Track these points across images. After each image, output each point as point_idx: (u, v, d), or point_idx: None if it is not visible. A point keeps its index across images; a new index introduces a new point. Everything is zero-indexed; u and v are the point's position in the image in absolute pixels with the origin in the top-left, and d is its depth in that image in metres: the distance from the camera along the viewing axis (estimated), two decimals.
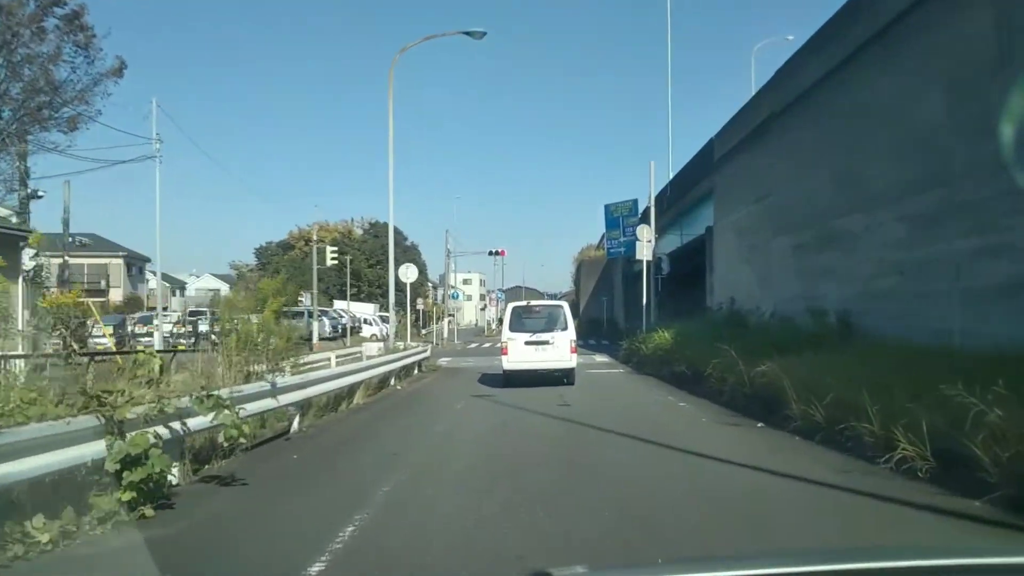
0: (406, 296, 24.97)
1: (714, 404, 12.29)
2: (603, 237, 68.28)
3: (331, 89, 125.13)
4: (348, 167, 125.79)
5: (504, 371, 16.37)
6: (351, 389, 13.41)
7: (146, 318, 44.87)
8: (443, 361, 26.28)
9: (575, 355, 16.19)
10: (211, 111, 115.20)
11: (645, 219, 37.96)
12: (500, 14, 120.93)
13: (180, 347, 39.16)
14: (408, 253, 70.57)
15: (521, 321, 16.65)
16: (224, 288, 79.52)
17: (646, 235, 25.11)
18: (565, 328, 16.26)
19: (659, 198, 36.10)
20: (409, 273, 23.30)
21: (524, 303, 16.96)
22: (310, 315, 47.52)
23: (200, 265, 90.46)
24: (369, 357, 18.99)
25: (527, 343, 16.09)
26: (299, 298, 50.42)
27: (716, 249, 26.13)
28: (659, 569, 2.22)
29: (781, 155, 18.85)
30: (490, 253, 48.25)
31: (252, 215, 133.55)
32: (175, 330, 42.93)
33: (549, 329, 16.33)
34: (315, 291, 45.23)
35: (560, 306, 16.82)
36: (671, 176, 36.26)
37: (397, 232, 71.56)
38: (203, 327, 45.38)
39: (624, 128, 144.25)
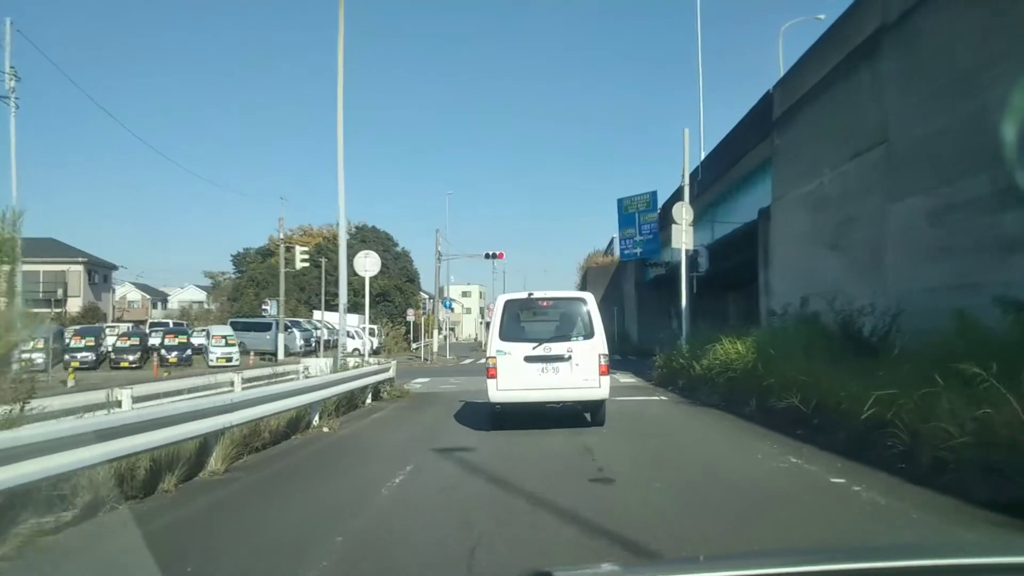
0: (365, 297, 18.72)
1: (919, 486, 6.00)
2: (611, 241, 61.95)
3: (317, 87, 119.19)
4: (333, 168, 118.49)
5: (491, 404, 10.14)
6: (205, 445, 7.21)
7: (91, 329, 38.71)
8: (418, 383, 20.00)
9: (607, 378, 9.94)
10: (181, 107, 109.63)
11: (678, 198, 31.94)
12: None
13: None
14: (399, 260, 64.58)
15: (518, 324, 10.48)
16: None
17: (684, 215, 18.89)
18: (590, 334, 10.05)
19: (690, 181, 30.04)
20: (368, 264, 17.17)
21: (524, 295, 10.69)
22: (284, 328, 41.63)
23: (189, 277, 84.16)
24: (308, 377, 12.99)
25: (529, 359, 9.90)
26: (263, 306, 44.23)
27: (775, 235, 19.94)
28: (660, 569, 2.08)
29: (908, 77, 12.69)
30: (487, 256, 42.11)
31: (232, 221, 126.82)
32: (118, 343, 36.83)
33: (564, 336, 10.14)
34: (281, 298, 39.04)
35: (581, 300, 10.60)
36: (702, 156, 30.07)
37: (386, 237, 65.89)
38: (154, 341, 39.66)
39: (637, 123, 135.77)
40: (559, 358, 9.89)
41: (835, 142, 15.85)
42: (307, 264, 38.98)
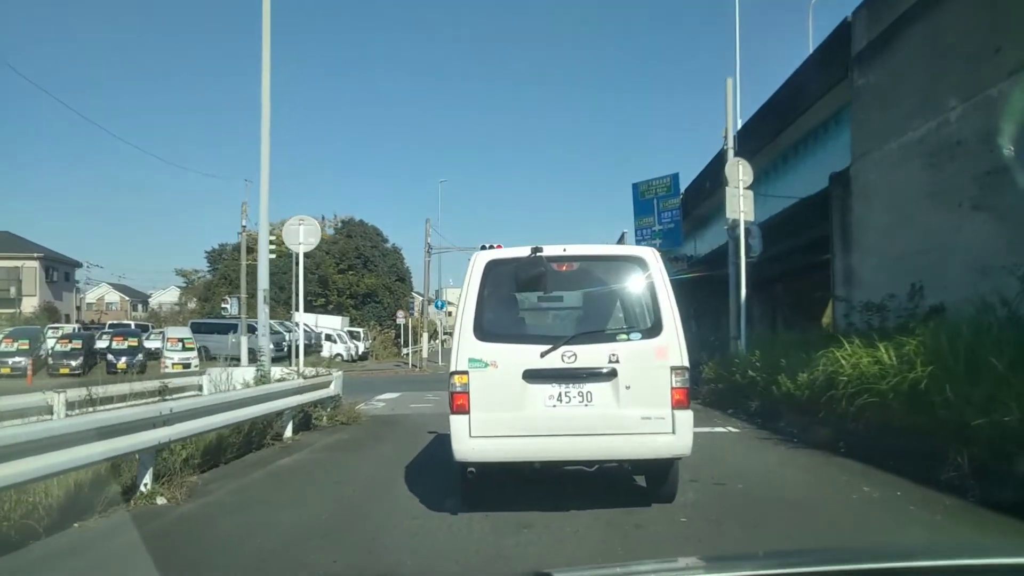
0: (299, 282, 13.70)
1: None
2: (622, 237, 56.69)
3: (308, 79, 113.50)
4: (321, 162, 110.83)
5: (459, 463, 5.14)
6: None
7: (26, 331, 33.75)
8: (382, 400, 15.09)
9: (687, 414, 4.99)
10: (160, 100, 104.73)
11: (705, 180, 27.12)
12: None
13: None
14: (388, 257, 59.54)
15: (512, 308, 5.65)
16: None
17: (740, 174, 14.07)
18: (654, 326, 5.12)
19: (718, 161, 25.21)
20: (303, 233, 12.26)
21: (522, 253, 5.63)
22: (252, 330, 36.68)
23: (173, 279, 78.86)
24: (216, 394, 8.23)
25: (532, 376, 5.04)
26: (223, 304, 39.15)
27: (862, 204, 15.09)
28: (659, 569, 1.94)
29: None
30: (483, 248, 36.82)
31: (216, 219, 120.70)
32: (58, 347, 31.85)
33: (600, 330, 5.25)
34: (242, 295, 34.15)
35: (636, 260, 5.38)
36: (739, 124, 25.12)
37: (374, 232, 60.76)
38: (100, 344, 34.67)
39: (652, 107, 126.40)
40: (593, 374, 4.97)
41: (971, 58, 10.99)
42: (273, 256, 33.91)
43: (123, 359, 31.53)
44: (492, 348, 5.09)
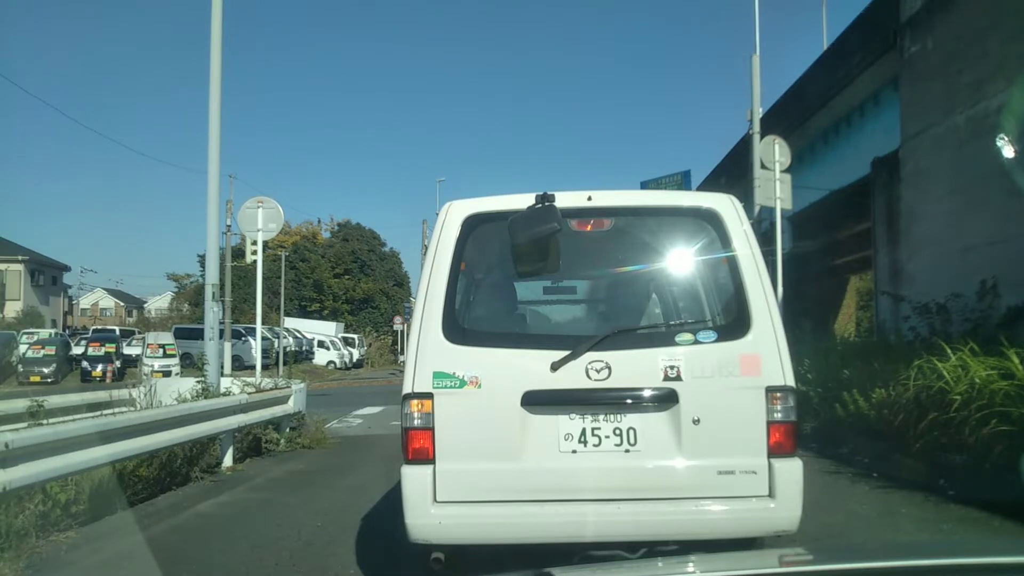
0: (257, 273, 11.72)
1: None
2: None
3: (300, 76, 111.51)
4: (315, 160, 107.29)
5: (415, 544, 3.11)
6: None
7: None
8: (360, 415, 13.09)
9: (794, 465, 3.01)
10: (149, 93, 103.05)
11: (720, 175, 25.15)
12: None
13: None
14: (386, 261, 57.57)
15: (507, 291, 3.62)
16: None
17: (776, 155, 12.14)
18: (741, 324, 3.14)
19: (735, 154, 23.30)
20: (261, 217, 10.32)
21: (525, 202, 3.68)
22: (238, 336, 34.77)
23: (168, 284, 76.90)
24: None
25: (536, 404, 3.08)
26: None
27: (914, 191, 13.25)
28: (659, 569, 1.87)
29: None
30: None
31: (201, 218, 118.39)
32: (29, 353, 29.91)
33: (640, 328, 3.28)
34: (227, 298, 32.09)
35: (708, 215, 3.21)
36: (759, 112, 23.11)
37: (372, 235, 58.78)
38: (77, 350, 32.78)
39: (665, 100, 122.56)
40: (638, 399, 3.01)
41: None
42: (255, 257, 31.89)
43: (99, 366, 29.65)
44: (473, 356, 3.12)
